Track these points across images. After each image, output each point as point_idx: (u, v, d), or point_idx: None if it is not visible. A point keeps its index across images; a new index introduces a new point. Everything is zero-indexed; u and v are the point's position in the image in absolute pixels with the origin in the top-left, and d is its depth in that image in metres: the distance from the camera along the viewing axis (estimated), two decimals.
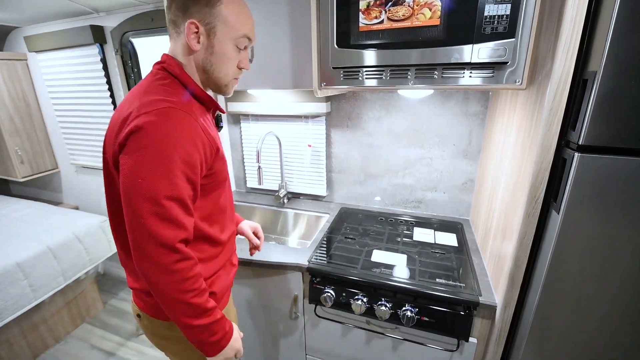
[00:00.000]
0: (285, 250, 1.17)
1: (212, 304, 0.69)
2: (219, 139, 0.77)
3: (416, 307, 0.96)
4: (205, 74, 0.72)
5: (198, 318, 0.66)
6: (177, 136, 0.61)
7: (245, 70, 0.77)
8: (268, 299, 1.21)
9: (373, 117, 1.41)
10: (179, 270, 0.62)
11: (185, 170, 0.62)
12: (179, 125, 0.61)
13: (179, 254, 0.62)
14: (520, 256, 0.79)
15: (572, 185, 0.65)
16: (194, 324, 0.66)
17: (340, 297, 1.04)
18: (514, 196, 0.85)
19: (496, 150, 1.08)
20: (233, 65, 0.73)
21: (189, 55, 0.69)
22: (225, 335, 0.72)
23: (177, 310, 0.64)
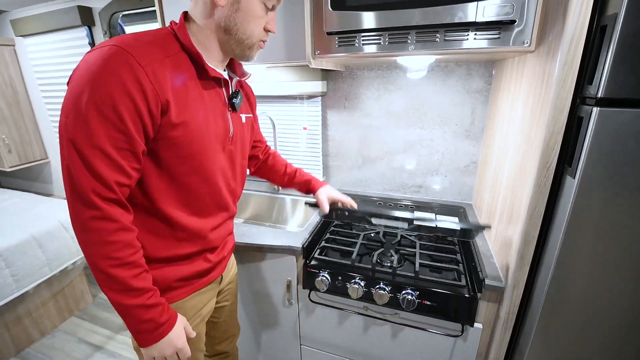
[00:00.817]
0: (278, 234, 1.10)
1: (144, 285, 0.61)
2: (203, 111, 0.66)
3: (417, 290, 0.89)
4: (227, 35, 0.65)
5: (121, 294, 0.59)
6: (102, 78, 0.53)
7: (272, 33, 0.71)
8: (260, 286, 1.14)
9: (371, 96, 1.35)
10: (95, 229, 0.56)
11: (109, 117, 0.54)
12: (110, 68, 0.53)
13: (97, 210, 0.55)
14: (529, 231, 0.73)
15: (590, 145, 0.58)
16: (117, 300, 0.59)
17: (336, 281, 0.97)
18: (522, 169, 0.79)
19: (501, 126, 1.01)
20: (259, 25, 0.67)
21: (210, 15, 0.63)
22: (159, 327, 0.62)
23: (97, 278, 0.58)
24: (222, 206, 0.78)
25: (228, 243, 0.86)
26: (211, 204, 0.75)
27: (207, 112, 0.67)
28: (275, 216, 1.56)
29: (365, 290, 0.94)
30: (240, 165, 0.83)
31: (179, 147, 0.63)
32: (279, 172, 1.08)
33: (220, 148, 0.72)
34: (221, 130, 0.71)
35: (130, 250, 0.59)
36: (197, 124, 0.65)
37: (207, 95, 0.68)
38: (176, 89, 0.61)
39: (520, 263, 0.76)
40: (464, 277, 0.92)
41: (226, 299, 0.94)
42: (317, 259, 1.02)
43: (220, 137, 0.71)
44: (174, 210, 0.68)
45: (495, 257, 0.94)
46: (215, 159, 0.71)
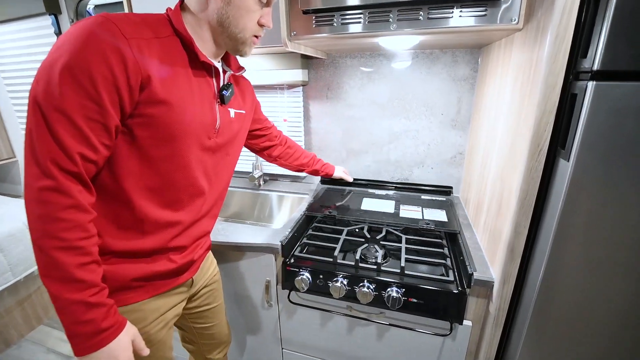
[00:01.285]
0: (256, 231, 1.03)
1: (89, 277, 0.53)
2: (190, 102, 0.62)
3: (402, 288, 0.83)
4: (220, 28, 0.63)
5: (59, 284, 0.51)
6: (81, 45, 0.49)
7: (268, 28, 0.68)
8: (239, 287, 1.07)
9: (354, 85, 1.28)
10: (45, 201, 0.49)
11: (83, 84, 0.49)
12: (92, 35, 0.49)
13: (51, 180, 0.49)
14: (520, 221, 0.68)
15: (586, 124, 0.53)
16: (53, 291, 0.51)
17: (317, 280, 0.91)
18: (511, 154, 0.74)
19: (489, 114, 0.97)
20: (253, 20, 0.64)
21: (205, 8, 0.61)
22: (99, 333, 0.54)
23: (37, 260, 0.51)
24: (199, 202, 0.71)
25: (201, 244, 0.78)
26: (185, 197, 0.68)
27: (193, 99, 0.63)
28: (258, 214, 1.48)
29: (348, 289, 0.88)
30: (226, 162, 0.78)
31: (157, 127, 0.58)
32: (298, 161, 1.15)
33: (204, 138, 0.67)
34: (207, 120, 0.67)
35: (80, 233, 0.52)
36: (181, 106, 0.60)
37: (196, 82, 0.64)
38: (161, 67, 0.57)
39: (510, 256, 0.71)
40: (452, 272, 0.86)
41: (206, 302, 0.87)
42: (297, 257, 0.96)
43: (205, 127, 0.67)
44: (141, 198, 0.61)
45: (484, 250, 0.90)
46: (197, 148, 0.66)
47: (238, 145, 0.82)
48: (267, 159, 1.10)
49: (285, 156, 1.11)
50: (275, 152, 1.08)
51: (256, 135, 1.00)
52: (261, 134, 1.01)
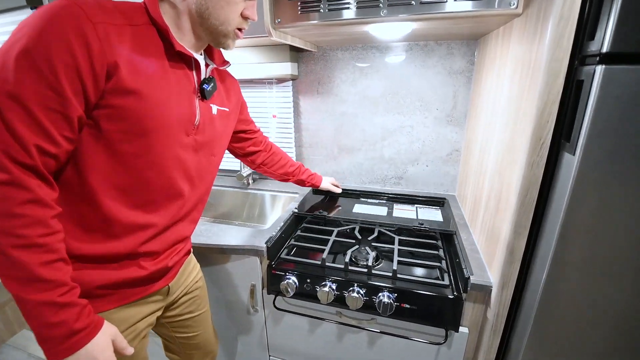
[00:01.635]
0: (242, 232, 0.97)
1: (56, 276, 0.48)
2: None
3: (394, 292, 0.78)
4: (200, 19, 0.59)
5: (23, 285, 0.47)
6: (42, 29, 0.44)
7: (252, 21, 0.64)
8: (223, 291, 1.01)
9: (346, 79, 1.23)
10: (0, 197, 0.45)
11: (42, 70, 0.44)
12: (55, 19, 0.45)
13: (5, 173, 0.45)
14: (521, 221, 0.63)
15: (593, 113, 0.48)
16: (18, 293, 0.47)
17: (304, 284, 0.85)
18: (511, 148, 0.69)
19: (486, 108, 0.92)
20: (235, 12, 0.60)
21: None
22: (72, 335, 0.50)
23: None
24: (176, 205, 0.66)
25: (178, 250, 0.72)
26: (160, 199, 0.62)
27: (170, 91, 0.58)
28: (247, 214, 1.42)
29: (337, 294, 0.82)
30: (211, 163, 0.72)
31: (127, 120, 0.53)
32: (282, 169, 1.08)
33: (181, 134, 0.62)
34: (185, 115, 0.61)
35: (42, 229, 0.47)
36: (154, 98, 0.55)
37: (174, 74, 0.59)
38: (132, 56, 0.52)
39: (509, 258, 0.66)
40: (447, 275, 0.81)
41: (188, 310, 0.81)
42: (284, 259, 0.90)
43: (182, 122, 0.61)
44: (109, 198, 0.56)
45: (481, 251, 0.84)
46: (173, 145, 0.61)
47: (222, 145, 0.77)
48: (251, 165, 1.03)
49: (269, 163, 1.04)
50: (260, 158, 1.01)
51: (241, 138, 0.94)
52: (246, 137, 0.95)
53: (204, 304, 0.85)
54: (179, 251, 0.71)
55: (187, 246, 0.76)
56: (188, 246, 0.76)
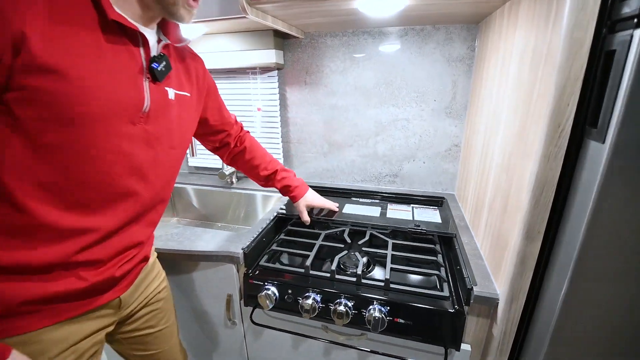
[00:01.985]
0: (217, 236, 0.87)
1: None
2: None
3: (387, 305, 0.68)
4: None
5: None
6: None
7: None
8: (198, 302, 0.90)
9: (336, 69, 1.13)
10: None
11: None
12: None
13: None
14: (534, 223, 0.53)
15: (630, 89, 0.38)
16: None
17: (285, 295, 0.75)
18: (521, 141, 0.59)
19: (489, 98, 0.82)
20: None
21: None
22: None
23: None
24: (125, 205, 0.56)
25: (129, 257, 0.61)
26: (101, 199, 0.52)
27: (107, 71, 0.48)
28: (232, 215, 1.32)
29: (322, 306, 0.72)
30: (171, 157, 0.63)
31: (47, 105, 0.43)
32: (255, 171, 0.93)
33: (125, 123, 0.52)
34: (129, 99, 0.52)
35: None
36: (85, 79, 0.45)
37: (112, 51, 0.49)
38: (49, 25, 0.42)
39: (520, 268, 0.56)
40: (447, 285, 0.71)
41: (148, 325, 0.71)
42: (263, 267, 0.80)
43: (124, 108, 0.51)
44: (32, 198, 0.46)
45: (485, 258, 0.75)
46: (114, 136, 0.51)
47: (184, 136, 0.67)
48: (225, 161, 0.92)
49: (239, 160, 0.91)
50: (233, 154, 0.90)
51: (211, 131, 0.82)
52: (219, 130, 0.83)
53: (168, 318, 0.75)
54: (131, 258, 0.61)
55: (144, 252, 0.65)
56: (145, 252, 0.66)
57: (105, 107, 0.48)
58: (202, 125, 0.78)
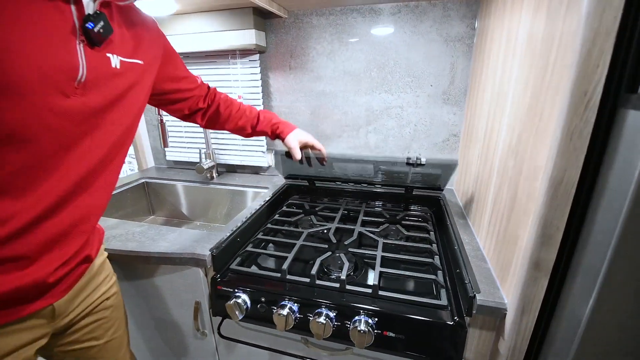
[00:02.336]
0: (184, 235, 0.76)
1: None
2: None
3: (375, 317, 0.58)
4: None
5: None
6: None
7: None
8: (164, 310, 0.80)
9: (323, 52, 1.03)
10: None
11: None
12: None
13: None
14: (552, 219, 0.43)
15: None
16: None
17: (258, 304, 0.65)
18: (534, 117, 0.49)
19: (493, 77, 0.72)
20: None
21: None
22: None
23: None
24: (54, 189, 0.46)
25: (68, 257, 0.51)
26: (22, 181, 0.43)
27: (31, 33, 0.40)
28: (212, 213, 1.22)
29: (300, 317, 0.62)
30: (111, 132, 0.52)
31: None
32: (239, 122, 0.84)
33: (55, 94, 0.43)
34: (58, 66, 0.43)
35: None
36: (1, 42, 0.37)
37: (36, 9, 0.40)
38: None
39: (533, 272, 0.46)
40: (445, 291, 0.61)
41: (92, 336, 0.60)
42: (234, 271, 0.70)
43: (54, 76, 0.42)
44: None
45: (489, 260, 0.65)
46: (39, 110, 0.42)
47: (131, 111, 0.56)
48: (202, 124, 0.84)
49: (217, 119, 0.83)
50: (206, 117, 0.82)
51: (175, 99, 0.73)
52: (182, 97, 0.74)
53: (117, 328, 0.65)
54: (69, 259, 0.51)
55: (86, 251, 0.55)
56: (87, 251, 0.55)
57: (28, 76, 0.38)
58: (163, 95, 0.69)
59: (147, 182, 1.24)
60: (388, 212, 0.95)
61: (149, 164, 1.39)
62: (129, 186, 1.18)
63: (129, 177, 1.23)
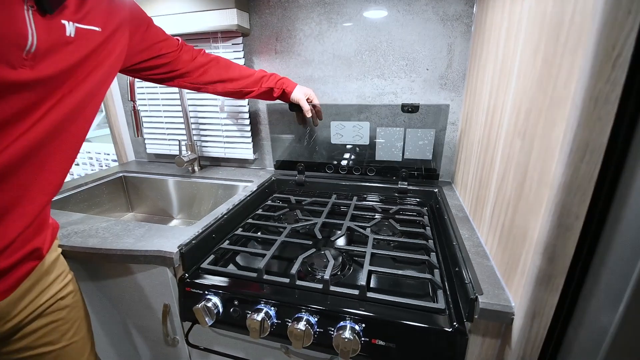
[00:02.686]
0: (152, 231, 0.69)
1: None
2: None
3: (362, 322, 0.50)
4: None
5: None
6: None
7: None
8: (132, 313, 0.72)
9: (311, 33, 0.95)
10: None
11: None
12: None
13: None
14: (571, 205, 0.36)
15: None
16: None
17: (231, 308, 0.57)
18: (547, 87, 0.42)
19: (495, 54, 0.65)
20: None
21: None
22: None
23: None
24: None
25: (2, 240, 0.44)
26: None
27: None
28: (196, 209, 1.14)
29: (278, 323, 0.54)
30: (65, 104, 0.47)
31: None
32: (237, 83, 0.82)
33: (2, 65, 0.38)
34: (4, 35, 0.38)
35: None
36: None
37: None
38: None
39: (547, 269, 0.39)
40: (443, 293, 0.54)
41: (44, 341, 0.53)
42: (206, 270, 0.62)
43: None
44: None
45: (492, 257, 0.57)
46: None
47: (88, 81, 0.50)
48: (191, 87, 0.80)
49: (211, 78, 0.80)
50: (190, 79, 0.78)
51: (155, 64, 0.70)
52: (160, 63, 0.71)
53: (78, 331, 0.57)
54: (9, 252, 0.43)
55: (32, 244, 0.48)
56: (35, 244, 0.48)
57: None
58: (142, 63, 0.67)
59: (125, 176, 1.16)
60: (381, 206, 0.88)
61: (129, 157, 1.31)
62: (104, 180, 1.10)
63: (105, 171, 1.15)
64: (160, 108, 1.16)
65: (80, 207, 1.00)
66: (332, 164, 1.01)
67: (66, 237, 0.66)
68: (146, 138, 1.23)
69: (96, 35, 0.50)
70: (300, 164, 1.03)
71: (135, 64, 0.67)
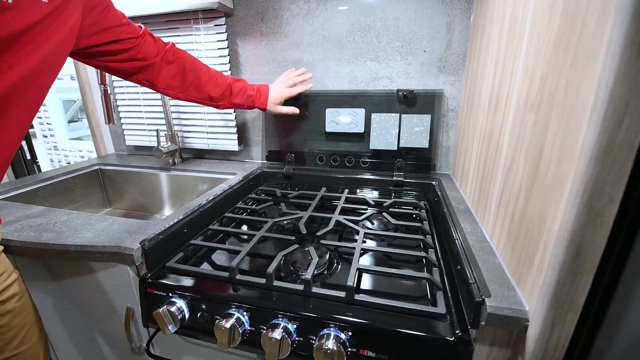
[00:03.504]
0: (115, 225, 0.61)
1: None
2: None
3: (348, 330, 0.43)
4: None
5: None
6: None
7: None
8: (95, 317, 0.64)
9: (298, 12, 0.88)
10: None
11: None
12: None
13: None
14: (603, 182, 0.28)
15: None
16: None
17: (198, 312, 0.50)
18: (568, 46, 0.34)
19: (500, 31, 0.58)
20: None
21: None
22: None
23: None
24: None
25: None
26: None
27: None
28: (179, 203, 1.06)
29: (252, 330, 0.47)
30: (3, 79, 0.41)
31: None
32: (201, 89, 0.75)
33: None
34: None
35: None
36: None
37: None
38: None
39: (571, 266, 0.32)
40: (443, 295, 0.47)
41: None
42: (172, 269, 0.54)
43: None
44: None
45: (499, 253, 0.50)
46: None
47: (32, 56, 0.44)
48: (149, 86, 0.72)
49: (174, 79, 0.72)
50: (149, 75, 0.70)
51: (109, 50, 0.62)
52: (118, 49, 0.63)
53: (26, 339, 0.50)
54: None
55: None
56: None
57: None
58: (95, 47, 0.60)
59: (102, 169, 1.08)
60: (374, 199, 0.80)
61: (109, 150, 1.23)
62: (78, 173, 1.02)
63: (80, 164, 1.07)
64: (140, 96, 1.09)
65: (50, 203, 0.92)
66: (323, 155, 0.93)
67: (18, 231, 0.59)
68: (125, 129, 1.15)
69: (42, 7, 0.44)
70: (289, 155, 0.95)
71: (89, 47, 0.59)
